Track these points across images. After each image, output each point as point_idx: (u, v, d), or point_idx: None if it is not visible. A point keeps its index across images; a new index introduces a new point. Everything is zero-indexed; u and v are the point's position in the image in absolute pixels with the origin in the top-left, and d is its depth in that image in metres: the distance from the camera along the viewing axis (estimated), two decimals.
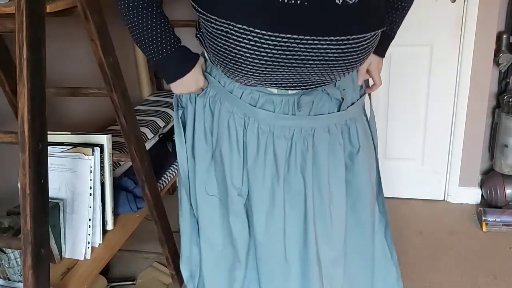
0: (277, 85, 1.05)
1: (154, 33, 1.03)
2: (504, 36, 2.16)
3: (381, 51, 1.20)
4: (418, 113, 2.34)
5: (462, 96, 2.25)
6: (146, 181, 1.49)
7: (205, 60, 1.16)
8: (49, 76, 1.08)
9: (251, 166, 1.13)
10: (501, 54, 2.15)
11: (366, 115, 1.25)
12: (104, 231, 1.45)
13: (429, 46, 2.22)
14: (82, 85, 1.45)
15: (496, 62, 2.17)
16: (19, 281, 1.23)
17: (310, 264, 1.17)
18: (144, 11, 1.02)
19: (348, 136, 1.16)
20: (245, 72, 1.00)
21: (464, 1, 2.11)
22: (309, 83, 1.05)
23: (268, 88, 1.08)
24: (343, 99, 1.12)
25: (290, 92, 1.07)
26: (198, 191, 1.25)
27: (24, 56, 0.97)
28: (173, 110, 1.26)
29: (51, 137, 1.31)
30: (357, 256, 1.27)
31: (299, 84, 1.05)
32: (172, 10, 2.24)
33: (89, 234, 1.35)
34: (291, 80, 1.02)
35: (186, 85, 1.11)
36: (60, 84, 1.54)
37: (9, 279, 1.25)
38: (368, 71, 1.22)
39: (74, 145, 1.37)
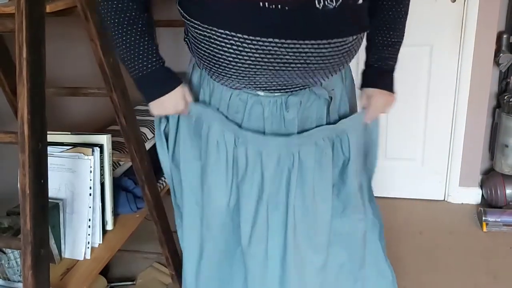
0: (262, 88, 1.06)
1: (138, 49, 1.04)
2: (504, 36, 2.16)
3: (380, 84, 1.22)
4: (418, 113, 2.34)
5: (462, 96, 2.25)
6: (146, 181, 1.49)
7: (193, 69, 1.19)
8: (49, 76, 1.08)
9: (240, 181, 1.14)
10: (501, 54, 2.15)
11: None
12: (104, 231, 1.45)
13: (429, 46, 2.22)
14: (82, 85, 1.45)
15: (496, 62, 2.17)
16: (18, 281, 1.23)
17: (288, 271, 1.19)
18: (129, 28, 1.03)
19: (340, 146, 1.16)
20: (229, 75, 1.02)
21: (465, 1, 2.11)
22: (293, 86, 1.06)
23: (254, 91, 1.09)
24: (331, 98, 1.12)
25: (276, 94, 1.08)
26: (186, 202, 1.26)
27: (24, 56, 0.97)
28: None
29: (50, 137, 1.30)
30: (348, 262, 1.28)
31: (283, 87, 1.06)
32: (171, 10, 2.24)
33: (89, 234, 1.35)
34: (274, 83, 1.04)
35: (163, 106, 1.11)
36: (60, 84, 1.54)
37: (8, 279, 1.24)
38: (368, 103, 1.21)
39: (74, 145, 1.36)
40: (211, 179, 1.16)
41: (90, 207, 1.35)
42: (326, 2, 0.92)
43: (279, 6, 0.90)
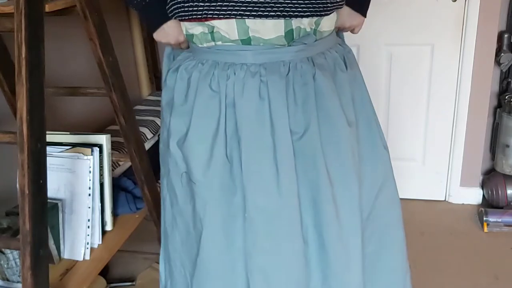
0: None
1: None
2: (506, 35, 2.16)
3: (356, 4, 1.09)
4: (419, 113, 2.33)
5: (463, 96, 2.25)
6: (145, 181, 1.49)
7: None
8: (48, 75, 1.08)
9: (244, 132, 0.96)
10: (502, 54, 2.14)
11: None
12: (103, 231, 1.45)
13: (430, 45, 2.21)
14: (81, 85, 1.45)
15: (497, 62, 2.17)
16: (18, 282, 1.23)
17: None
18: None
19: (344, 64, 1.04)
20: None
21: (465, 1, 2.11)
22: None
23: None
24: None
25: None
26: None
27: (23, 55, 0.96)
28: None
29: (50, 137, 1.30)
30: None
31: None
32: None
33: (88, 235, 1.35)
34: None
35: (166, 34, 1.04)
36: (59, 84, 1.53)
37: (8, 280, 1.24)
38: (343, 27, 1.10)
39: (73, 145, 1.36)
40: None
41: (89, 208, 1.35)
42: None
43: None
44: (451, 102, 2.29)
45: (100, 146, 1.36)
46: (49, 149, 1.26)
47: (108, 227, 1.47)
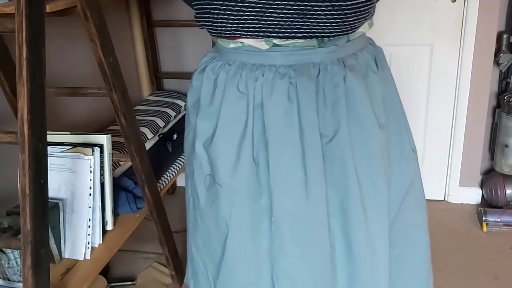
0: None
1: None
2: (505, 36, 2.16)
3: None
4: (418, 113, 2.34)
5: (462, 96, 2.25)
6: (146, 181, 1.49)
7: None
8: (49, 76, 1.08)
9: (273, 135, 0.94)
10: (501, 54, 2.15)
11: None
12: (104, 231, 1.45)
13: (429, 46, 2.22)
14: (82, 85, 1.45)
15: (497, 62, 2.17)
16: (18, 281, 1.23)
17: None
18: None
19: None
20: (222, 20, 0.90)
21: (465, 1, 2.11)
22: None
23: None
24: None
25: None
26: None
27: (24, 56, 0.97)
28: (173, 110, 1.22)
29: (50, 137, 1.31)
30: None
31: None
32: (171, 10, 2.24)
33: (88, 234, 1.35)
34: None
35: None
36: (60, 84, 1.54)
37: (8, 279, 1.24)
38: None
39: (74, 145, 1.36)
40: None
41: (90, 207, 1.35)
42: None
43: None
44: (450, 102, 2.29)
45: (100, 146, 1.37)
46: (50, 149, 1.26)
47: (109, 226, 1.47)
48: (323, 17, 0.87)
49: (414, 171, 1.15)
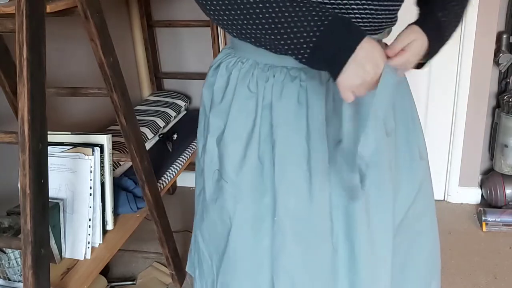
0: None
1: (292, 8, 0.76)
2: (504, 36, 2.16)
3: (426, 28, 0.99)
4: (418, 113, 2.34)
5: (462, 96, 2.25)
6: (146, 181, 1.50)
7: None
8: (49, 76, 1.08)
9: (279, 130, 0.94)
10: (501, 54, 2.15)
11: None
12: (104, 231, 1.45)
13: None
14: (82, 85, 1.46)
15: (496, 62, 2.17)
16: (19, 281, 1.23)
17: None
18: None
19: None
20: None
21: None
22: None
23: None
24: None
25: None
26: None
27: (24, 56, 0.97)
28: (173, 110, 1.23)
29: (51, 137, 1.31)
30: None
31: None
32: (171, 10, 2.25)
33: (89, 234, 1.35)
34: None
35: (362, 66, 0.79)
36: (60, 84, 1.54)
37: (9, 279, 1.25)
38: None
39: (74, 145, 1.37)
40: None
41: (90, 207, 1.35)
42: None
43: None
44: (450, 102, 2.29)
45: (101, 146, 1.37)
46: (50, 149, 1.27)
47: (109, 226, 1.47)
48: None
49: (423, 179, 1.14)
